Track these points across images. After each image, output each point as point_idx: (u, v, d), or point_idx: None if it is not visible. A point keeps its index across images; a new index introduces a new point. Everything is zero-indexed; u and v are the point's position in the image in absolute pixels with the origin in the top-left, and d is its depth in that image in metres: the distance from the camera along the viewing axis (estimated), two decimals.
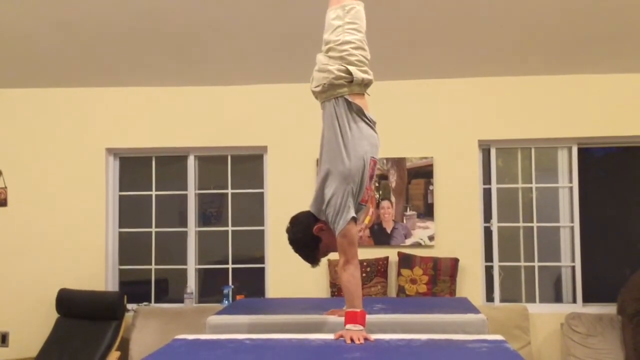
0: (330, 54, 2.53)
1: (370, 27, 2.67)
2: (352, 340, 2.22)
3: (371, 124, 2.54)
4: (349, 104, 2.48)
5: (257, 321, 2.69)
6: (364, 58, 2.55)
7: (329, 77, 2.50)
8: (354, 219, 2.42)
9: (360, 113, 2.50)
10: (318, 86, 2.56)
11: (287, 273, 5.04)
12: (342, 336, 2.28)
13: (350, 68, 2.48)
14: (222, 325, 2.67)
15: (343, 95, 2.49)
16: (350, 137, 2.45)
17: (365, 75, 2.53)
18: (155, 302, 5.39)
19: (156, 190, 5.46)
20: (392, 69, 4.91)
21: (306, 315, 2.75)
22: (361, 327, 2.28)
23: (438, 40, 4.33)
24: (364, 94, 2.57)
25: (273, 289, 5.13)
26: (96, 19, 3.92)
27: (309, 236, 2.55)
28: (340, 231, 2.40)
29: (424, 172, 5.06)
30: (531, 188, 5.21)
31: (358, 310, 2.33)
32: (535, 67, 4.90)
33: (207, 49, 4.47)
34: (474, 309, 2.83)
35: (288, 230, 2.63)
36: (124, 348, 4.90)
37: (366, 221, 5.05)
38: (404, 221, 5.06)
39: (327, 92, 2.53)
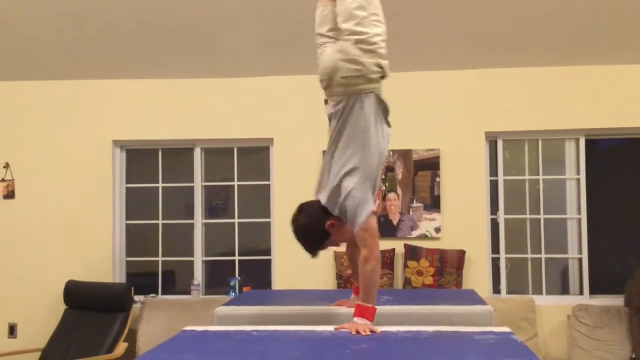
0: (361, 46, 2.45)
1: None
2: (357, 332, 2.22)
3: (390, 123, 2.54)
4: (380, 102, 2.46)
5: (265, 312, 2.70)
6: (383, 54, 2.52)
7: (362, 70, 2.43)
8: (373, 212, 2.42)
9: (385, 112, 2.49)
10: (345, 77, 2.46)
11: (293, 265, 5.05)
12: (345, 328, 2.27)
13: (383, 63, 2.45)
14: (230, 316, 2.68)
15: (374, 92, 2.46)
16: (374, 134, 2.44)
17: (389, 73, 2.50)
18: (162, 293, 5.42)
19: (163, 183, 5.47)
20: (399, 61, 4.87)
21: (313, 306, 2.75)
22: (368, 322, 2.29)
23: (445, 31, 4.31)
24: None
25: (279, 280, 5.14)
26: (104, 11, 3.92)
27: (320, 230, 2.52)
28: (362, 224, 2.38)
29: (431, 164, 5.05)
30: (538, 180, 5.19)
31: (369, 305, 2.33)
32: (543, 59, 4.87)
33: (213, 41, 4.47)
34: (480, 301, 2.83)
35: (296, 219, 2.59)
36: (132, 339, 4.93)
37: None
38: (410, 213, 5.06)
39: (357, 86, 2.46)
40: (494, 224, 5.15)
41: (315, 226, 2.52)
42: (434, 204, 5.04)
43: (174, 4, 3.85)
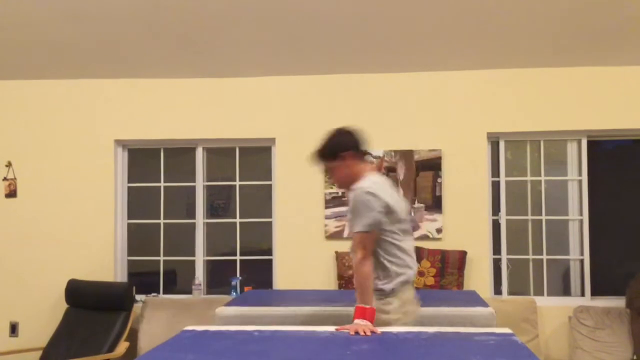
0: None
1: (379, 18, 2.66)
2: (356, 332, 2.22)
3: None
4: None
5: (266, 313, 2.70)
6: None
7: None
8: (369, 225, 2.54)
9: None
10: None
11: (294, 265, 5.06)
12: (346, 329, 2.28)
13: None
14: (232, 316, 2.68)
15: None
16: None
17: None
18: (164, 293, 5.42)
19: (165, 182, 5.48)
20: (401, 61, 4.90)
21: (314, 307, 2.76)
22: (368, 323, 2.29)
23: (447, 32, 4.31)
24: None
25: (281, 280, 5.14)
26: (106, 10, 3.92)
27: (333, 149, 2.70)
28: (362, 230, 2.49)
29: (433, 165, 5.05)
30: (540, 181, 5.19)
31: (368, 306, 2.33)
32: (545, 59, 4.87)
33: (216, 40, 4.47)
34: (482, 302, 2.83)
35: (330, 133, 2.77)
36: (133, 338, 4.93)
37: None
38: (412, 214, 5.06)
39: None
40: (496, 225, 5.15)
41: (334, 147, 2.70)
42: (435, 205, 5.04)
43: (176, 4, 3.85)
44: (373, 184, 2.56)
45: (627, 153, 5.20)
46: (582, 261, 5.09)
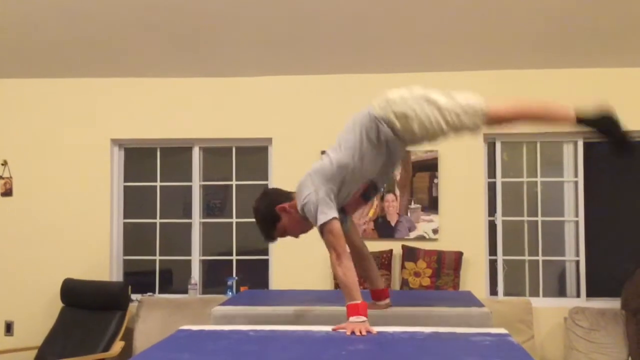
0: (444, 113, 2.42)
1: (376, 19, 2.66)
2: (352, 332, 2.22)
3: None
4: (397, 139, 2.45)
5: (262, 312, 2.70)
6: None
7: (413, 126, 2.40)
8: (335, 218, 2.40)
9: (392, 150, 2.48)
10: (402, 113, 2.41)
11: (290, 265, 5.06)
12: (342, 328, 2.27)
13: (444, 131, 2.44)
14: (227, 316, 2.68)
15: (398, 135, 2.44)
16: (364, 152, 2.45)
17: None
18: (160, 292, 5.41)
19: (161, 182, 5.47)
20: (398, 62, 4.90)
21: (310, 307, 2.75)
22: (364, 319, 2.28)
23: (444, 33, 4.32)
24: None
25: (276, 280, 5.14)
26: (102, 9, 3.92)
27: (269, 212, 2.59)
28: (324, 227, 2.39)
29: (429, 166, 5.05)
30: (536, 182, 5.20)
31: (359, 301, 2.32)
32: (542, 61, 4.88)
33: (213, 40, 4.47)
34: (477, 303, 2.83)
35: (256, 200, 2.68)
36: (128, 338, 4.92)
37: (370, 214, 5.06)
38: (409, 214, 5.06)
39: (387, 118, 2.44)
40: (492, 226, 5.15)
41: (268, 206, 2.59)
42: (432, 206, 5.04)
43: (173, 4, 3.85)
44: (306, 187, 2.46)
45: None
46: (577, 262, 5.10)
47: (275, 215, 2.57)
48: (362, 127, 2.47)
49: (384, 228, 5.05)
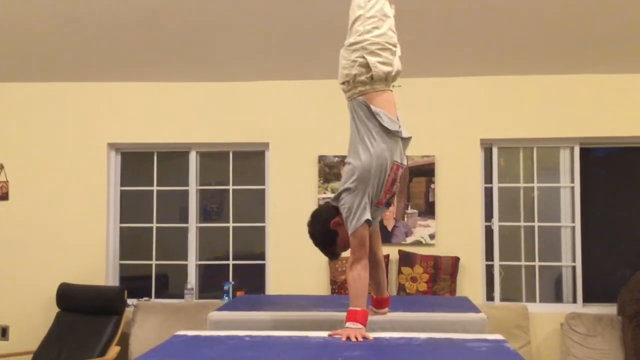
0: (353, 47, 2.45)
1: None
2: (348, 338, 2.21)
3: (391, 126, 2.48)
4: (367, 106, 2.43)
5: (258, 318, 2.69)
6: (388, 45, 2.47)
7: (350, 74, 2.43)
8: (368, 222, 2.39)
9: (378, 116, 2.44)
10: (343, 83, 2.50)
11: (287, 270, 5.05)
12: (338, 334, 2.27)
13: (370, 60, 2.41)
14: (223, 321, 2.67)
15: (362, 95, 2.45)
16: (369, 138, 2.43)
17: (387, 68, 2.45)
18: (156, 297, 5.40)
19: (157, 186, 5.46)
20: None
21: (306, 312, 2.75)
22: (361, 326, 2.28)
23: (440, 38, 4.32)
24: (388, 89, 2.51)
25: (273, 285, 5.13)
26: (99, 14, 3.91)
27: (326, 230, 2.48)
28: (352, 233, 2.38)
29: (426, 171, 5.06)
30: (533, 187, 5.21)
31: (359, 309, 2.32)
32: (539, 67, 4.89)
33: (210, 45, 4.47)
34: (474, 308, 2.83)
35: (309, 224, 2.56)
36: (124, 343, 4.91)
37: None
38: (405, 219, 5.06)
39: (350, 91, 2.48)
40: (488, 231, 5.16)
41: (323, 226, 2.49)
42: (428, 211, 5.05)
43: (170, 8, 3.85)
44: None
45: (619, 160, 5.23)
46: (574, 268, 5.10)
47: (332, 232, 2.49)
48: (353, 118, 2.50)
49: (380, 233, 5.03)
